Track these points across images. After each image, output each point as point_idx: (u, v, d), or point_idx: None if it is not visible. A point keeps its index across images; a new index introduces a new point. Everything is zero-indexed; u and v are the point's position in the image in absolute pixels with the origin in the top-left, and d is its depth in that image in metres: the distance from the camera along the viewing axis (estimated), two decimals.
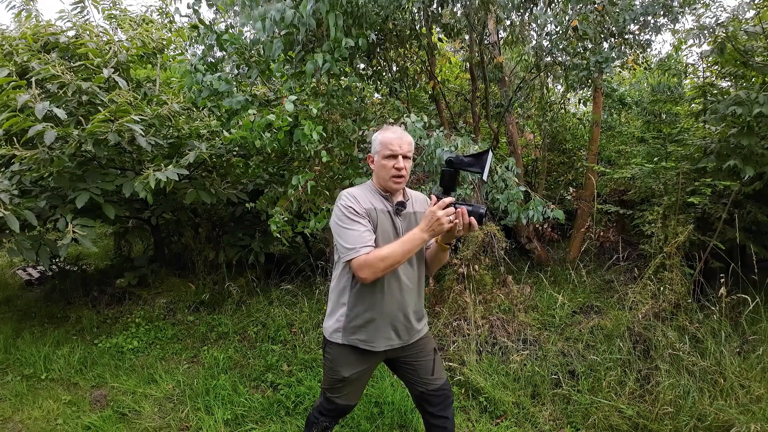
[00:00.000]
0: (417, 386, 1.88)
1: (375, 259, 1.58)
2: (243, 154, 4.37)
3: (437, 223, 1.53)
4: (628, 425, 2.40)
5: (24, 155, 3.18)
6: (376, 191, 1.76)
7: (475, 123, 4.67)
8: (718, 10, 3.70)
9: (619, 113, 6.45)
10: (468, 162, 1.61)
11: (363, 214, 1.66)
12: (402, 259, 1.60)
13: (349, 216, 1.65)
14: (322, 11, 2.82)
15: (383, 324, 1.74)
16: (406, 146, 1.70)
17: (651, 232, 3.59)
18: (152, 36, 4.25)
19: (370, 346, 1.76)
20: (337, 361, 1.79)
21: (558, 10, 3.90)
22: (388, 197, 1.76)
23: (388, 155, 1.69)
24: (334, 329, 1.78)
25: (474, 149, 3.04)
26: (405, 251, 1.58)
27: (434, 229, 1.55)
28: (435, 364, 1.88)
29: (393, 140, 1.69)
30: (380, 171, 1.72)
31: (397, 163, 1.68)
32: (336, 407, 1.87)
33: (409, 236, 1.59)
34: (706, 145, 3.82)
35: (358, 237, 1.62)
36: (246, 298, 4.28)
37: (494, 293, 3.62)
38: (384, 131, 1.74)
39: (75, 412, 2.81)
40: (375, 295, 1.71)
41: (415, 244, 1.58)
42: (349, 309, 1.75)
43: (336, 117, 3.32)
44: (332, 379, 1.82)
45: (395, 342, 1.78)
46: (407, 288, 1.76)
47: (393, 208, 1.74)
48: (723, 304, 2.90)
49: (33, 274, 5.67)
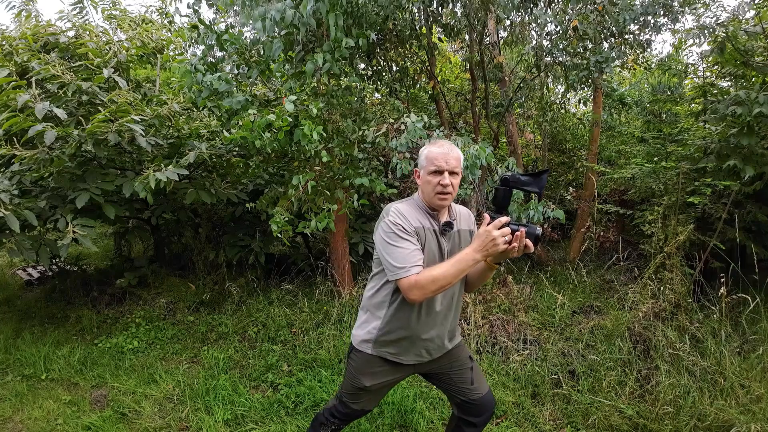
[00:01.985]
0: (457, 395, 1.84)
1: (426, 280, 1.51)
2: (243, 154, 4.37)
3: (492, 243, 1.46)
4: (628, 425, 2.40)
5: (24, 155, 3.18)
6: (423, 209, 1.68)
7: (475, 123, 4.67)
8: (718, 9, 3.68)
9: (619, 113, 6.46)
10: (525, 181, 1.54)
11: (412, 233, 1.60)
12: (453, 281, 1.52)
13: (397, 233, 1.58)
14: (322, 11, 2.82)
15: (416, 344, 1.71)
16: (453, 161, 1.61)
17: (651, 232, 3.59)
18: (152, 36, 4.25)
19: (398, 359, 1.74)
20: (361, 369, 1.76)
21: (558, 10, 3.90)
22: (435, 215, 1.68)
23: (434, 171, 1.60)
24: (364, 339, 1.75)
25: (473, 149, 3.03)
26: (457, 272, 1.51)
27: (489, 250, 1.48)
28: (473, 374, 1.84)
29: (438, 155, 1.60)
30: (425, 187, 1.64)
31: (443, 180, 1.59)
32: (351, 412, 1.85)
33: (462, 256, 1.51)
34: (706, 145, 3.83)
35: (408, 256, 1.55)
36: (246, 298, 4.28)
37: (494, 293, 3.62)
38: (431, 145, 1.65)
39: (75, 412, 2.81)
40: (412, 315, 1.67)
41: (468, 264, 1.50)
42: (384, 324, 1.71)
43: (336, 117, 3.32)
44: (352, 386, 1.79)
45: (425, 359, 1.76)
46: (445, 309, 1.72)
47: (439, 227, 1.67)
48: (723, 304, 2.90)
49: (33, 274, 5.67)
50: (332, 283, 4.05)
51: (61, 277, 4.91)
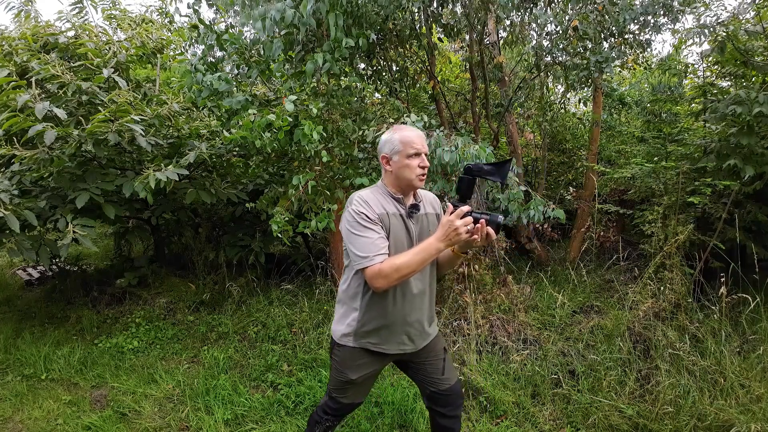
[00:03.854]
0: (427, 386, 1.86)
1: (390, 269, 1.53)
2: (243, 154, 4.37)
3: (455, 233, 1.49)
4: (628, 425, 2.40)
5: (24, 155, 3.18)
6: (387, 194, 1.70)
7: (475, 123, 4.67)
8: (718, 9, 3.69)
9: (619, 113, 6.46)
10: (488, 170, 1.55)
11: (375, 220, 1.61)
12: (417, 269, 1.55)
13: (360, 222, 1.59)
14: (322, 11, 2.82)
15: (396, 330, 1.72)
16: (426, 145, 1.68)
17: (651, 231, 3.59)
18: (152, 36, 4.24)
19: (381, 348, 1.74)
20: (345, 363, 1.77)
21: (558, 10, 3.90)
22: (401, 200, 1.70)
23: (413, 154, 1.63)
24: (344, 333, 1.75)
25: (473, 149, 3.03)
26: (420, 261, 1.53)
27: (451, 239, 1.50)
28: (445, 364, 1.86)
29: (415, 138, 1.64)
30: (403, 171, 1.65)
31: (422, 162, 1.64)
32: (341, 406, 1.86)
33: (425, 246, 1.54)
34: (706, 144, 3.83)
35: (371, 245, 1.57)
36: (246, 298, 4.28)
37: (494, 293, 3.62)
38: (400, 130, 1.68)
39: (75, 412, 2.81)
40: (387, 301, 1.68)
41: (430, 253, 1.53)
42: (361, 314, 1.71)
43: (336, 117, 3.31)
44: (338, 380, 1.80)
45: (408, 347, 1.77)
46: (420, 294, 1.73)
47: (406, 211, 1.69)
48: (723, 304, 2.90)
49: (33, 274, 5.67)
50: (332, 283, 4.05)
51: (61, 277, 4.91)
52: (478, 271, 3.56)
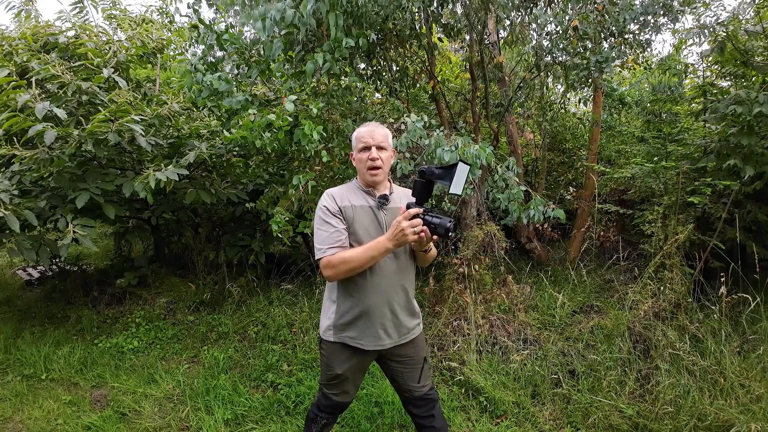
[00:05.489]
0: (403, 392, 1.93)
1: (338, 260, 1.64)
2: (243, 154, 4.37)
3: (401, 233, 1.56)
4: (628, 425, 2.40)
5: (24, 155, 3.18)
6: (358, 188, 1.79)
7: (475, 123, 4.67)
8: (718, 9, 3.68)
9: (619, 113, 6.45)
10: (439, 174, 1.58)
11: (336, 213, 1.70)
12: (365, 265, 1.64)
13: (322, 216, 1.70)
14: (322, 11, 2.82)
15: (371, 320, 1.75)
16: (379, 137, 1.72)
17: (651, 231, 3.59)
18: (152, 36, 4.24)
19: (358, 343, 1.78)
20: (330, 357, 1.83)
21: (558, 10, 3.89)
22: (371, 192, 1.78)
23: (362, 148, 1.73)
24: (326, 327, 1.83)
25: (473, 149, 3.03)
26: (368, 258, 1.63)
27: (399, 240, 1.58)
28: (422, 373, 1.91)
29: (365, 133, 1.73)
30: (358, 165, 1.76)
31: (371, 154, 1.70)
32: (333, 403, 1.90)
33: (374, 244, 1.63)
34: (706, 144, 3.82)
35: (327, 238, 1.67)
36: (246, 298, 4.28)
37: (494, 293, 3.62)
38: (359, 127, 1.78)
39: (75, 412, 2.81)
40: (359, 289, 1.73)
41: (378, 251, 1.62)
42: (338, 306, 1.79)
43: (336, 117, 3.32)
44: (327, 375, 1.87)
45: (386, 342, 1.80)
46: (392, 281, 1.77)
47: (376, 202, 1.76)
48: (723, 304, 2.90)
49: (33, 274, 5.67)
50: None
51: (61, 277, 4.91)
52: (478, 271, 3.56)
